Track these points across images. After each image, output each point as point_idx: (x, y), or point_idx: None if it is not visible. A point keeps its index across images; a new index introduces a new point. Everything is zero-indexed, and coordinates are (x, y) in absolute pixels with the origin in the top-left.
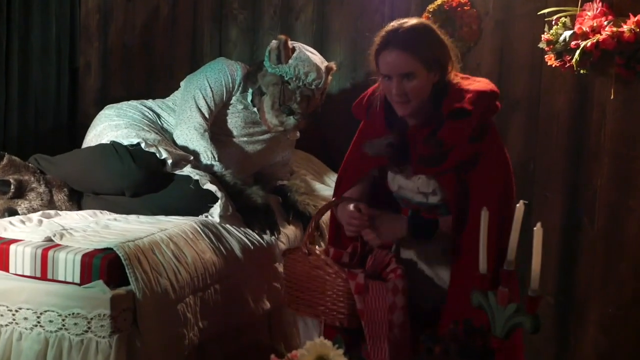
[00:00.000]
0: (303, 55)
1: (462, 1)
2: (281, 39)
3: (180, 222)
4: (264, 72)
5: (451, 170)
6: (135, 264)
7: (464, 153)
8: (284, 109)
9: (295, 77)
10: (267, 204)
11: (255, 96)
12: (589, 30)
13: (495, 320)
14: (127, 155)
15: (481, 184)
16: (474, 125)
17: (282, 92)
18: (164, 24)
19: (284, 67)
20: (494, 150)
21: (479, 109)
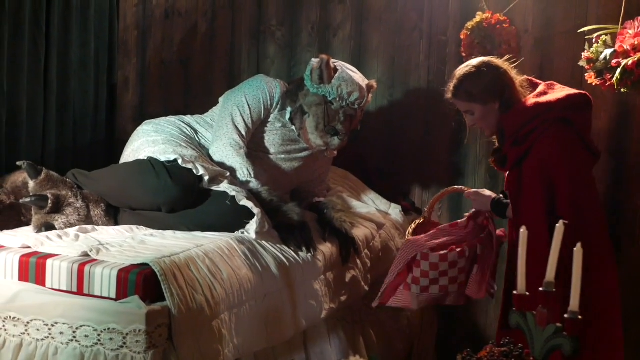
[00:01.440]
0: (346, 75)
1: (502, 18)
2: (323, 59)
3: (216, 238)
4: (305, 92)
5: (513, 168)
6: (171, 279)
7: (512, 156)
8: (328, 130)
9: (338, 97)
10: (303, 221)
11: (295, 114)
12: (630, 48)
13: (534, 341)
14: (164, 172)
15: (526, 176)
16: (507, 135)
17: (326, 113)
18: (202, 40)
19: (327, 88)
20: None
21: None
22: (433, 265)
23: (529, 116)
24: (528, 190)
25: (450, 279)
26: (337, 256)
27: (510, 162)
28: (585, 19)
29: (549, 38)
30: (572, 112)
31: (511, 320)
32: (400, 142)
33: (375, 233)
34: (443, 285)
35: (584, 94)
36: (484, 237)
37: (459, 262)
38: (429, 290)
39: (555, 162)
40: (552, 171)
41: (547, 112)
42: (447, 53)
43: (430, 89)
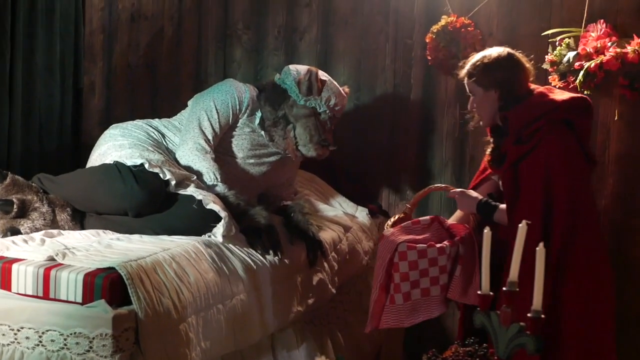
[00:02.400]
0: (333, 87)
1: (466, 22)
2: (312, 71)
3: (183, 242)
4: (291, 103)
5: (510, 167)
6: (137, 283)
7: (513, 154)
8: (323, 141)
9: (328, 109)
10: (270, 225)
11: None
12: (593, 51)
13: (497, 340)
14: (130, 176)
15: (525, 176)
16: (511, 132)
17: (318, 125)
18: (168, 44)
19: (317, 100)
20: (538, 149)
21: (518, 118)
22: (412, 263)
23: (535, 115)
24: (527, 192)
25: (432, 280)
26: (304, 259)
27: (509, 161)
28: (549, 22)
29: (513, 41)
30: (575, 115)
31: (475, 320)
32: (367, 146)
33: (342, 236)
34: (425, 288)
35: (586, 98)
36: (465, 237)
37: (439, 259)
38: (411, 297)
39: (558, 167)
40: (553, 176)
41: (552, 112)
42: (413, 56)
43: (397, 92)
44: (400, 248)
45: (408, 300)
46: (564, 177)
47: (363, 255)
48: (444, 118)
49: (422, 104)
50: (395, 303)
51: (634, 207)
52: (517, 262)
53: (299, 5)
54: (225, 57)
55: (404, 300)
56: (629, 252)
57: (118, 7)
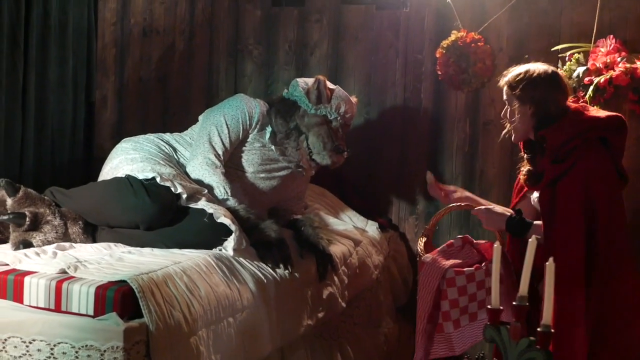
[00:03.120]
0: (342, 94)
1: (476, 37)
2: (320, 80)
3: (194, 256)
4: (302, 113)
5: (547, 186)
6: (148, 296)
7: (550, 173)
8: (337, 148)
9: (339, 115)
10: (280, 238)
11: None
12: (602, 66)
13: (507, 355)
14: (141, 190)
15: (563, 195)
16: (549, 150)
17: (330, 132)
18: (179, 58)
19: (327, 108)
20: (576, 168)
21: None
22: (461, 289)
23: (572, 133)
24: (565, 211)
25: (479, 303)
26: (314, 273)
27: (547, 180)
28: (559, 37)
29: (523, 56)
30: (611, 133)
31: (486, 334)
32: (376, 160)
33: (352, 250)
34: (473, 312)
35: (620, 116)
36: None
37: (486, 281)
38: (461, 324)
39: (597, 187)
40: (595, 194)
41: (589, 130)
42: (423, 71)
43: (406, 106)
44: (447, 275)
45: (458, 328)
46: (605, 193)
47: (373, 269)
48: (453, 133)
49: (432, 119)
50: (445, 332)
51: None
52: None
53: (310, 20)
54: (236, 71)
55: (454, 328)
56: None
57: (130, 22)
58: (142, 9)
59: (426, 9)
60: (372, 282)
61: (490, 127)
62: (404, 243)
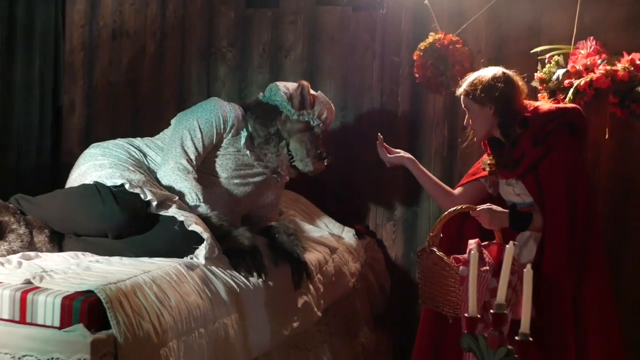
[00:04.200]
0: (325, 100)
1: (454, 39)
2: (304, 85)
3: (164, 264)
4: (284, 119)
5: (527, 171)
6: (117, 307)
7: (531, 156)
8: (320, 155)
9: (322, 122)
10: (254, 246)
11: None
12: (583, 68)
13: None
14: (109, 197)
15: (547, 178)
16: (532, 132)
17: (312, 139)
18: (150, 62)
19: (310, 114)
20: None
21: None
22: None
23: (549, 117)
24: (553, 191)
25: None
26: (289, 281)
27: (527, 164)
28: (538, 39)
29: (502, 58)
30: (579, 119)
31: (463, 342)
32: (353, 165)
33: (328, 257)
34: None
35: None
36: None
37: (512, 279)
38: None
39: (576, 168)
40: (574, 175)
41: (563, 115)
42: (400, 74)
43: (384, 110)
44: (491, 284)
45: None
46: (581, 173)
47: (350, 277)
48: (432, 136)
49: (409, 123)
50: None
51: (624, 228)
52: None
53: (284, 22)
54: (209, 75)
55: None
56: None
57: (99, 24)
58: (111, 10)
59: (403, 10)
60: (348, 291)
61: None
62: (382, 250)
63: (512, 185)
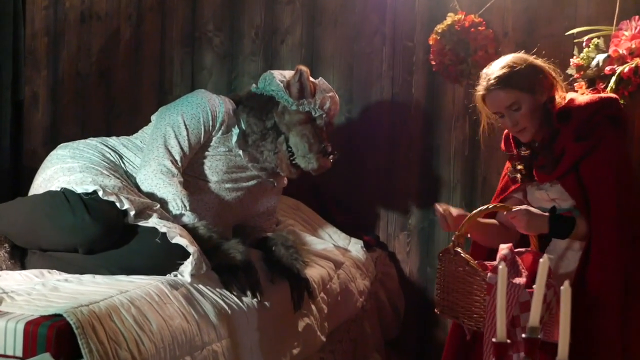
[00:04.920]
0: (327, 87)
1: (476, 20)
2: (302, 71)
3: (144, 283)
4: (281, 110)
5: (568, 172)
6: (89, 333)
7: (574, 153)
8: (323, 149)
9: (324, 112)
10: (247, 261)
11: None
12: (627, 53)
13: None
14: (80, 206)
15: (592, 177)
16: (574, 126)
17: (315, 131)
18: (125, 48)
19: (311, 103)
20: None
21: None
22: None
23: (593, 109)
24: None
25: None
26: (288, 301)
27: (569, 162)
28: (574, 19)
29: (532, 42)
30: (621, 112)
31: None
32: (361, 167)
33: (333, 273)
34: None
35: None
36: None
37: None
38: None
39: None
40: (622, 174)
41: (606, 107)
42: (414, 61)
43: (395, 103)
44: (522, 298)
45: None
46: (631, 177)
47: (358, 296)
48: (451, 134)
49: (425, 118)
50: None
51: None
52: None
53: (280, 2)
54: (193, 63)
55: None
56: None
57: (65, 5)
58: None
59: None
60: (356, 311)
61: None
62: (394, 264)
63: (546, 189)
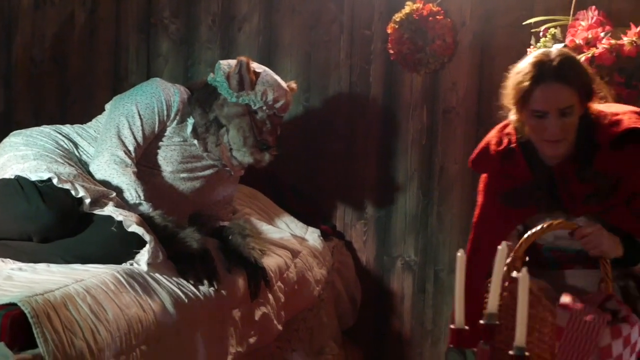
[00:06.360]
0: (270, 78)
1: (435, 9)
2: (242, 62)
3: (99, 272)
4: (222, 102)
5: (622, 203)
6: (44, 322)
7: (638, 182)
8: (260, 144)
9: (265, 105)
10: (204, 249)
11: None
12: (583, 43)
13: None
14: (35, 193)
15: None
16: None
17: (253, 124)
18: (80, 34)
19: (250, 95)
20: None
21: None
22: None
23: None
24: None
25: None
26: (245, 290)
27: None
28: (532, 9)
29: (489, 32)
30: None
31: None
32: (318, 156)
33: (290, 262)
34: None
35: None
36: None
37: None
38: None
39: None
40: None
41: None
42: (372, 50)
43: (353, 92)
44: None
45: None
46: None
47: (314, 285)
48: (409, 122)
49: (383, 106)
50: None
51: None
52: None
53: None
54: (149, 50)
55: None
56: None
57: None
58: None
59: None
60: (313, 301)
61: (451, 115)
62: (351, 253)
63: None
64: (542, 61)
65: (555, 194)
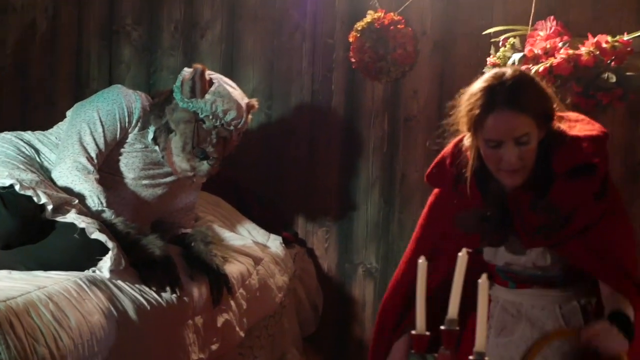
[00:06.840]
0: (222, 90)
1: (396, 18)
2: (197, 69)
3: (62, 279)
4: (173, 106)
5: (575, 236)
6: (6, 328)
7: (591, 215)
8: (197, 152)
9: (212, 114)
10: (166, 256)
11: (160, 132)
12: (542, 52)
13: None
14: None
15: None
16: (600, 180)
17: (196, 132)
18: (41, 41)
19: (200, 103)
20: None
21: (604, 160)
22: None
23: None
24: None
25: None
26: (207, 297)
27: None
28: (491, 19)
29: (450, 41)
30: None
31: None
32: (280, 164)
33: (252, 269)
34: None
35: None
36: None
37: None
38: None
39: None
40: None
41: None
42: (334, 58)
43: (315, 100)
44: None
45: None
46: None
47: (276, 292)
48: (370, 130)
49: (344, 114)
50: None
51: None
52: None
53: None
54: (110, 57)
55: None
56: None
57: None
58: None
59: None
60: (275, 307)
61: (412, 123)
62: (312, 260)
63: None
64: (493, 86)
65: (508, 223)
